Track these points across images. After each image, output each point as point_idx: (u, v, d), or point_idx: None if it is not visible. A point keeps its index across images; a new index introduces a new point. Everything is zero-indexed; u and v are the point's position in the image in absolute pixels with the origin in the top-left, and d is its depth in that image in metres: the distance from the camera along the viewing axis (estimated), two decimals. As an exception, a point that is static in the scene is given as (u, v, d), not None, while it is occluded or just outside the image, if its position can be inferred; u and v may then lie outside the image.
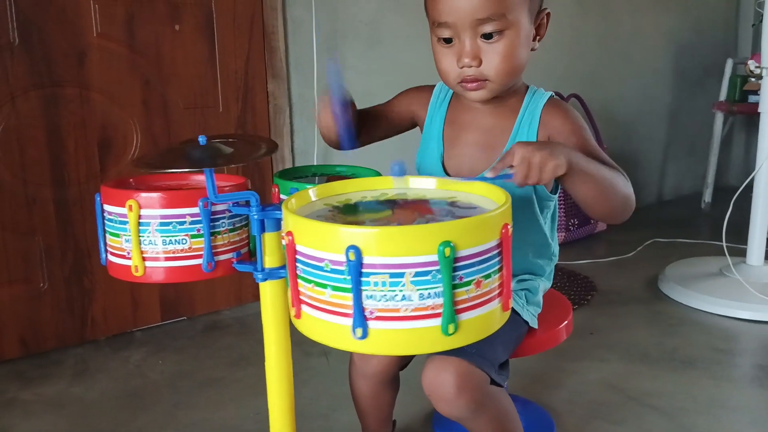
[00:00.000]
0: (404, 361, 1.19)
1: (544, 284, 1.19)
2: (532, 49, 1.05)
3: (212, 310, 2.06)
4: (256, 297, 2.11)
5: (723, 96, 3.24)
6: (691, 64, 3.53)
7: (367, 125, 1.19)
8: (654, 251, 2.60)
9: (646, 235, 2.77)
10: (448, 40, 1.01)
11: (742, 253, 2.18)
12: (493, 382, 1.03)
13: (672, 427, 1.39)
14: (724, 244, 2.10)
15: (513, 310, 1.10)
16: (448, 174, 1.12)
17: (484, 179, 0.89)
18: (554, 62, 2.85)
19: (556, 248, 1.19)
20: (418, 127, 1.21)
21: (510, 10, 0.97)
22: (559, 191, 1.14)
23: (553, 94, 1.11)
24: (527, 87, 1.11)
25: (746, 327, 1.90)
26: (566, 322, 1.21)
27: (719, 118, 3.26)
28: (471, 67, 1.00)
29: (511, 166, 0.90)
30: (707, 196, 3.32)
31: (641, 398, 1.51)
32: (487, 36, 0.98)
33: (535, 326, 1.15)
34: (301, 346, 1.77)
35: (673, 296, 2.10)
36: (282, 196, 1.07)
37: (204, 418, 1.46)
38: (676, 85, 3.50)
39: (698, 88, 3.58)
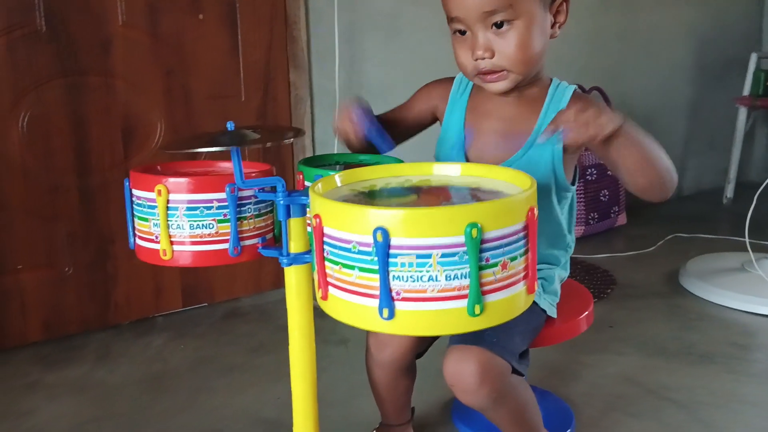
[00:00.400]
0: (420, 349, 1.19)
1: (560, 273, 1.19)
2: (552, 36, 1.05)
3: (232, 298, 2.08)
4: (275, 285, 2.14)
5: (746, 91, 3.21)
6: (713, 58, 3.49)
7: (389, 130, 1.20)
8: (674, 246, 2.58)
9: (666, 230, 2.75)
10: (462, 32, 1.03)
11: (765, 249, 2.16)
12: (514, 371, 1.03)
13: (690, 421, 1.39)
14: (747, 239, 2.08)
15: (531, 299, 1.11)
16: (468, 160, 1.12)
17: (532, 147, 0.89)
18: (575, 55, 2.83)
19: (572, 240, 1.19)
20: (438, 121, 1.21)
21: (516, 0, 0.98)
22: (577, 183, 1.14)
23: (577, 87, 1.11)
24: (551, 79, 1.10)
25: (767, 323, 1.89)
26: (587, 312, 1.21)
27: (742, 112, 3.22)
28: (485, 59, 1.01)
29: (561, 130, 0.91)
30: (729, 192, 3.29)
31: (659, 391, 1.50)
32: (498, 26, 0.99)
33: (554, 315, 1.15)
34: (319, 334, 1.76)
35: (694, 291, 2.08)
36: (306, 183, 1.08)
37: (224, 402, 1.48)
38: (697, 79, 3.46)
39: (720, 82, 3.54)
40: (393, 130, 1.19)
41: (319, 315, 0.95)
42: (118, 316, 1.90)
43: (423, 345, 1.19)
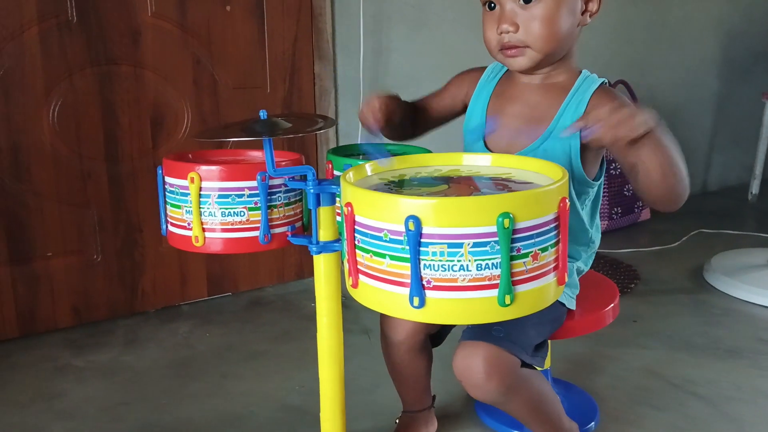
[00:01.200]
0: (432, 330, 1.19)
1: (579, 266, 1.19)
2: (582, 24, 1.04)
3: (256, 287, 2.11)
4: (298, 275, 2.16)
5: (774, 85, 3.16)
6: (741, 52, 3.44)
7: (420, 117, 1.21)
8: (699, 242, 2.56)
9: (691, 225, 2.72)
10: (491, 6, 1.04)
11: (791, 245, 2.14)
12: (524, 364, 1.03)
13: (715, 415, 1.38)
14: (773, 235, 2.06)
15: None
16: (487, 146, 1.12)
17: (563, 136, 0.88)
18: (601, 48, 2.81)
19: (596, 236, 1.18)
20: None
21: None
22: (603, 178, 1.13)
23: (606, 81, 1.10)
24: (581, 71, 1.10)
25: (793, 319, 1.87)
26: (612, 305, 1.21)
27: (769, 107, 3.17)
28: (509, 32, 1.02)
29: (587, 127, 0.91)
30: (754, 188, 3.24)
31: (684, 385, 1.50)
32: (526, 0, 1.00)
33: (572, 307, 1.15)
34: (342, 324, 1.79)
35: (719, 286, 2.07)
36: (336, 172, 1.09)
37: (251, 388, 1.50)
38: (724, 73, 3.42)
39: (747, 76, 3.49)
40: (424, 116, 1.21)
41: (343, 305, 0.97)
42: (144, 304, 1.93)
43: (435, 326, 1.19)
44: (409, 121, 1.18)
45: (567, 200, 0.75)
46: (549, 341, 1.13)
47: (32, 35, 1.67)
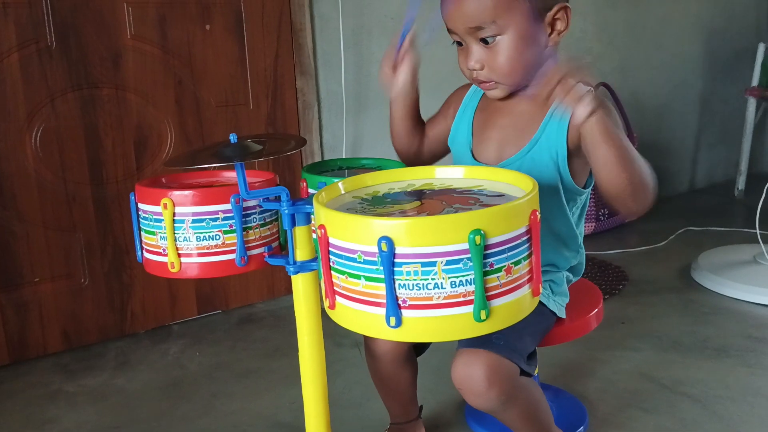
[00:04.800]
0: (416, 343, 1.20)
1: (568, 276, 1.20)
2: (553, 44, 1.06)
3: (246, 304, 2.11)
4: (289, 290, 2.15)
5: (755, 81, 3.19)
6: (723, 50, 3.47)
7: (427, 135, 1.24)
8: (686, 240, 2.57)
9: (678, 224, 2.74)
10: (460, 43, 1.07)
11: (777, 241, 2.15)
12: (522, 372, 1.04)
13: (706, 415, 1.39)
14: (758, 231, 2.07)
15: (540, 301, 1.11)
16: (475, 159, 1.14)
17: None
18: (583, 50, 2.83)
19: (581, 240, 1.19)
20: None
21: (500, 16, 1.00)
22: (591, 185, 1.14)
23: (592, 89, 1.11)
24: None
25: (781, 315, 1.88)
26: (596, 310, 1.22)
27: (752, 104, 3.20)
28: (475, 70, 1.05)
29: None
30: (740, 184, 3.27)
31: (674, 386, 1.51)
32: (485, 41, 1.03)
33: (563, 316, 1.16)
34: (332, 337, 1.80)
35: (706, 285, 2.08)
36: (310, 190, 1.10)
37: (241, 407, 1.50)
38: (707, 71, 3.44)
39: (730, 74, 3.52)
40: (428, 137, 1.24)
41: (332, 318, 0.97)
42: (135, 325, 1.93)
43: None
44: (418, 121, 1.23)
45: (538, 213, 0.76)
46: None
47: (12, 62, 1.68)
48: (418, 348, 1.22)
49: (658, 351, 1.69)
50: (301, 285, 0.98)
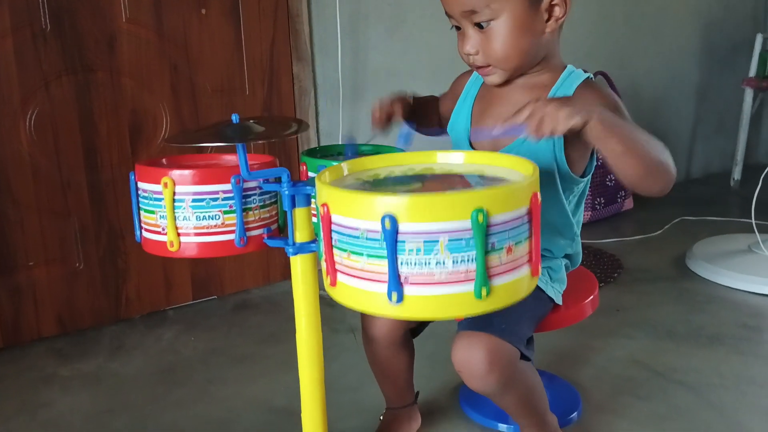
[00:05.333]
0: (411, 324, 1.19)
1: (566, 263, 1.20)
2: (550, 31, 1.04)
3: (242, 289, 2.10)
4: (284, 276, 2.16)
5: (753, 72, 3.19)
6: (720, 40, 3.47)
7: (425, 114, 1.24)
8: (682, 229, 2.58)
9: (674, 213, 2.75)
10: (458, 28, 1.06)
11: (772, 231, 2.16)
12: (522, 356, 1.04)
13: (699, 402, 1.40)
14: (753, 221, 2.08)
15: (538, 286, 1.12)
16: (473, 147, 1.14)
17: (496, 134, 0.91)
18: (581, 40, 2.83)
19: (578, 230, 1.19)
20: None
21: (494, 0, 0.99)
22: (591, 173, 1.14)
23: (592, 76, 1.10)
24: (565, 66, 1.11)
25: (775, 304, 1.89)
26: (592, 297, 1.22)
27: (749, 94, 3.21)
28: (471, 55, 1.05)
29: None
30: (736, 174, 3.28)
31: (668, 374, 1.51)
32: (480, 26, 1.02)
33: (560, 303, 1.17)
34: (329, 323, 1.80)
35: (701, 273, 2.09)
36: (310, 174, 1.09)
37: (236, 392, 1.50)
38: (704, 61, 3.45)
39: (727, 64, 3.52)
40: (428, 114, 1.24)
41: (329, 305, 0.97)
42: (129, 310, 1.92)
43: (415, 321, 1.19)
44: (427, 114, 1.23)
45: (538, 195, 0.76)
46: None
47: (6, 46, 1.66)
48: (415, 329, 1.22)
49: (652, 339, 1.69)
50: (300, 267, 0.97)
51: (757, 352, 1.61)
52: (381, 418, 1.28)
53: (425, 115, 1.24)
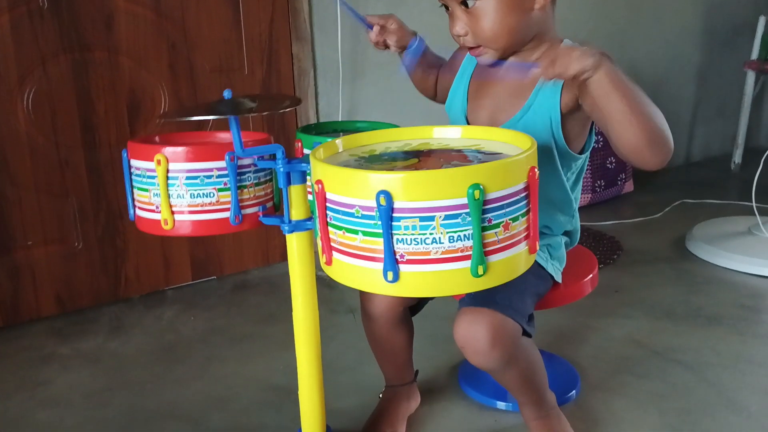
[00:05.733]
0: (410, 302, 1.19)
1: (566, 240, 1.20)
2: (540, 9, 1.03)
3: (241, 270, 2.10)
4: (284, 257, 2.16)
5: (755, 55, 3.17)
6: (722, 22, 3.44)
7: (439, 81, 1.25)
8: (682, 212, 2.58)
9: (674, 196, 2.74)
10: (447, 8, 1.06)
11: (772, 213, 2.15)
12: (524, 333, 1.04)
13: (696, 381, 1.40)
14: (754, 204, 2.07)
15: (538, 263, 1.12)
16: (469, 124, 1.13)
17: (508, 67, 0.89)
18: (581, 22, 2.80)
19: (576, 206, 1.19)
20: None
21: None
22: (589, 150, 1.13)
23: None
24: (562, 41, 1.09)
25: (774, 285, 1.89)
26: (591, 275, 1.22)
27: (750, 77, 3.18)
28: (461, 36, 1.04)
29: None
30: (737, 157, 3.26)
31: (666, 353, 1.52)
32: (465, 4, 1.01)
33: (559, 280, 1.17)
34: (327, 304, 1.80)
35: (701, 255, 2.09)
36: (305, 151, 1.09)
37: (235, 370, 1.51)
38: (705, 44, 3.42)
39: (729, 46, 3.49)
40: (440, 85, 1.26)
41: (327, 286, 0.97)
42: (128, 290, 1.92)
43: (414, 298, 1.19)
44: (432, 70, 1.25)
45: (536, 169, 0.76)
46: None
47: (3, 23, 1.65)
48: (414, 307, 1.22)
49: (650, 319, 1.70)
50: (296, 245, 0.97)
51: (756, 332, 1.61)
52: (380, 396, 1.28)
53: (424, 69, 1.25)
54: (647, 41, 3.15)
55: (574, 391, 1.34)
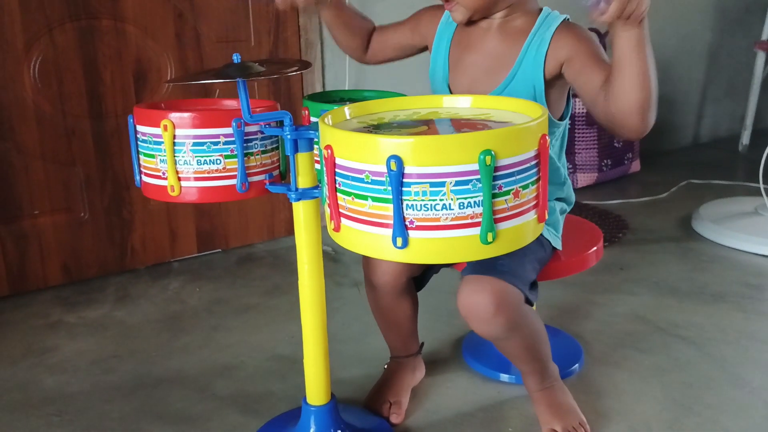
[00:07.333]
0: (414, 273, 1.18)
1: (560, 206, 1.19)
2: None
3: (246, 244, 2.11)
4: (289, 231, 2.16)
5: (766, 35, 3.13)
6: (733, 2, 3.40)
7: (380, 39, 1.23)
8: (688, 192, 2.57)
9: (681, 176, 2.73)
10: None
11: (779, 193, 2.14)
12: (526, 301, 1.05)
13: (699, 356, 1.40)
14: (761, 184, 2.06)
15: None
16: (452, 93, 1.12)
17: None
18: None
19: (565, 172, 1.19)
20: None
21: None
22: (568, 116, 1.13)
23: (569, 17, 1.07)
24: (541, 9, 1.08)
25: (780, 265, 1.89)
26: (595, 248, 1.22)
27: (761, 57, 3.15)
28: None
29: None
30: (745, 139, 3.24)
31: (669, 329, 1.52)
32: None
33: (559, 247, 1.17)
34: (332, 277, 1.81)
35: (707, 235, 2.08)
36: (312, 119, 1.08)
37: (241, 340, 1.52)
38: (716, 22, 3.38)
39: (739, 26, 3.45)
40: (384, 41, 1.23)
41: (333, 259, 0.97)
42: (134, 261, 1.93)
43: (418, 269, 1.18)
44: (356, 26, 1.22)
45: (547, 137, 0.75)
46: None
47: (8, -11, 1.64)
48: (418, 281, 1.22)
49: (655, 296, 1.70)
50: (303, 213, 0.97)
51: (760, 310, 1.61)
52: (385, 366, 1.29)
53: (380, 43, 1.23)
54: (656, 20, 3.09)
55: (577, 365, 1.34)
